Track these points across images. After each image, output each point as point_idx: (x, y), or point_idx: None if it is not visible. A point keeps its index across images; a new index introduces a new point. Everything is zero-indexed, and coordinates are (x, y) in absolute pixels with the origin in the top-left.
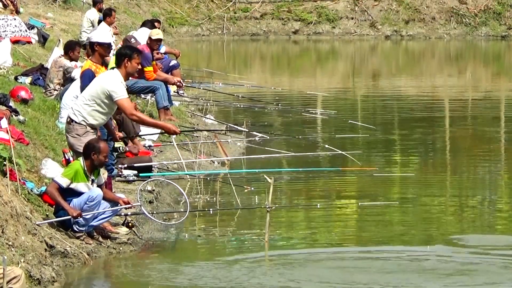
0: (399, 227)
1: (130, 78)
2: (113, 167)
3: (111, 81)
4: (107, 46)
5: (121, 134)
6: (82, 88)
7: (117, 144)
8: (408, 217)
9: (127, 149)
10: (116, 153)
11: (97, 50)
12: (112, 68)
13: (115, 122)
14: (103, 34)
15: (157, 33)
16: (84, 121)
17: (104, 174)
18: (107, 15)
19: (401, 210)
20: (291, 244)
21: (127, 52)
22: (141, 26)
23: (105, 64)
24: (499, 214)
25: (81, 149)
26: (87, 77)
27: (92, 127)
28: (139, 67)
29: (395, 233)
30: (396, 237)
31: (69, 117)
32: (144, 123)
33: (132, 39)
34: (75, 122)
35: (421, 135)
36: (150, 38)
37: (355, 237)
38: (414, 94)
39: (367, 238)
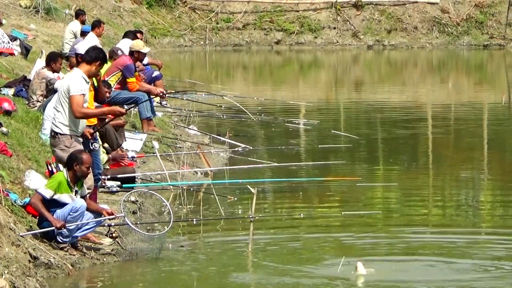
0: (382, 237)
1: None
2: (100, 177)
3: (71, 78)
4: None
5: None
6: None
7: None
8: (391, 226)
9: (111, 157)
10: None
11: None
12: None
13: (98, 133)
14: (87, 46)
15: (143, 46)
16: (70, 130)
17: (90, 180)
18: (95, 26)
19: (384, 219)
20: (274, 254)
21: (104, 57)
22: (123, 37)
23: None
24: (483, 223)
25: None
26: None
27: (78, 135)
28: (100, 73)
29: (379, 243)
30: (380, 247)
31: (52, 131)
32: (90, 117)
33: (119, 51)
34: (60, 134)
35: (403, 144)
36: (138, 51)
37: (339, 246)
38: (396, 103)
39: (352, 248)
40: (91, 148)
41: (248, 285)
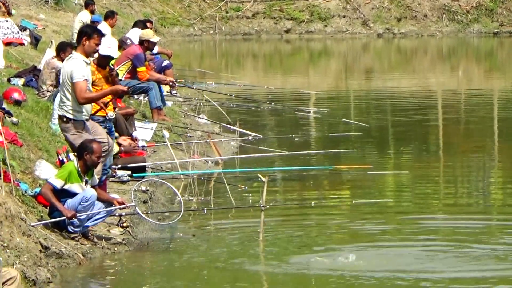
0: (392, 224)
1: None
2: (108, 170)
3: (72, 64)
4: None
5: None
6: None
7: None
8: (402, 214)
9: (123, 149)
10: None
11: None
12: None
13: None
14: (105, 45)
15: (153, 35)
16: (82, 114)
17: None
18: (108, 17)
19: (395, 207)
20: (285, 243)
21: (87, 31)
22: (133, 26)
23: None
24: (494, 212)
25: None
26: None
27: (88, 118)
28: (98, 48)
29: (390, 230)
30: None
31: (64, 116)
32: (94, 101)
33: (128, 40)
34: (73, 119)
35: (414, 132)
36: (148, 40)
37: (351, 235)
38: (407, 91)
39: (363, 236)
40: (107, 118)
41: (259, 274)
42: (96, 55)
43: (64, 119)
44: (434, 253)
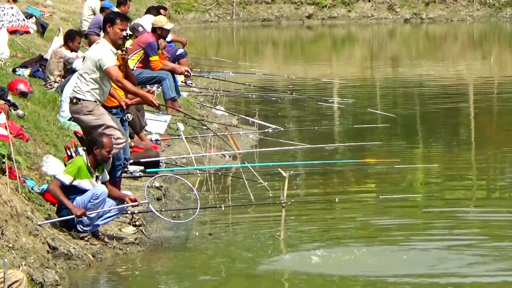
0: (421, 221)
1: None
2: (125, 163)
3: (99, 51)
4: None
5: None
6: None
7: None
8: (430, 210)
9: (133, 144)
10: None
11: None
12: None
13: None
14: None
15: (167, 22)
16: (93, 97)
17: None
18: (121, 3)
19: (424, 203)
20: (308, 242)
21: (110, 17)
22: (146, 13)
23: None
24: None
25: (98, 122)
26: None
27: (102, 103)
28: (123, 33)
29: (418, 227)
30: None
31: (75, 97)
32: (126, 90)
33: (140, 28)
34: (83, 100)
35: (444, 124)
36: (161, 28)
37: (376, 232)
38: (435, 80)
39: (389, 233)
40: (124, 118)
41: (280, 275)
42: None
43: (74, 101)
44: (465, 248)
